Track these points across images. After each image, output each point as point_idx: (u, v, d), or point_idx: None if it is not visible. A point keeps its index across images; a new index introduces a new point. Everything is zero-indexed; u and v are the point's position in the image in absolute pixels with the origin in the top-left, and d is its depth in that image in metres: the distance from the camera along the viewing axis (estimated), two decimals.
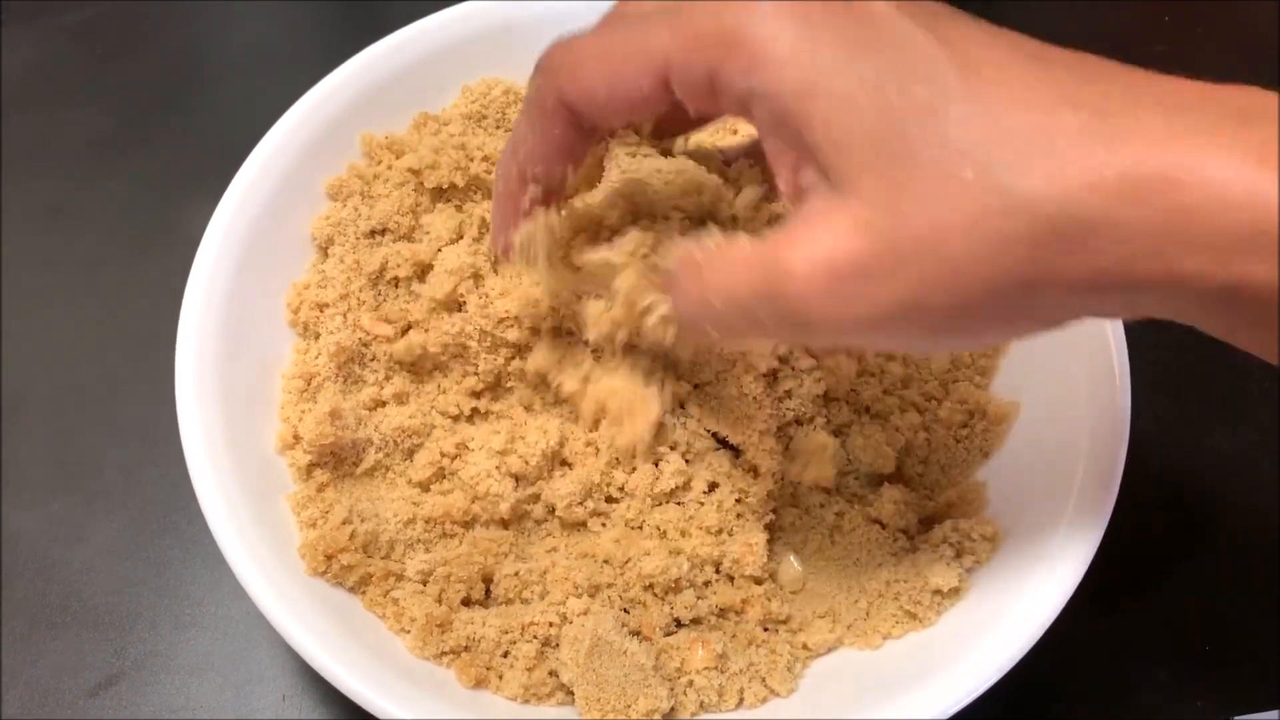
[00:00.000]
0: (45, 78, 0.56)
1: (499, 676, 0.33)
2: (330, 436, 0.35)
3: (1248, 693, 0.40)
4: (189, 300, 0.36)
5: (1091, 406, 0.34)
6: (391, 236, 0.39)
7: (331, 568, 0.33)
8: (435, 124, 0.42)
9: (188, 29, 0.58)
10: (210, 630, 0.41)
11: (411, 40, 0.42)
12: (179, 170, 0.52)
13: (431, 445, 0.37)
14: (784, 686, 0.33)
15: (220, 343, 0.35)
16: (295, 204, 0.39)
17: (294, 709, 0.39)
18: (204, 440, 0.33)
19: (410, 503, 0.36)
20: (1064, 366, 0.36)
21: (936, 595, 0.34)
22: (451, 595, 0.34)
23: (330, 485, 0.36)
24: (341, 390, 0.37)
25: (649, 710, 0.31)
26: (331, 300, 0.38)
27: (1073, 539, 0.32)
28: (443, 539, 0.35)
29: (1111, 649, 0.40)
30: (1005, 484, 0.37)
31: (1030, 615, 0.31)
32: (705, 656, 0.33)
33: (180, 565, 0.42)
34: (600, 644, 0.32)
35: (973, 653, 0.31)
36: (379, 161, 0.40)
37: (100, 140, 0.53)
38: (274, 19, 0.59)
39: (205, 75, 0.56)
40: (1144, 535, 0.41)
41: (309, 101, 0.40)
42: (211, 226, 0.37)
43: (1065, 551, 0.32)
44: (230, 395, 0.35)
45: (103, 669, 0.40)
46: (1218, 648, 0.41)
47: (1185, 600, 0.41)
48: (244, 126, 0.39)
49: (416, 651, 0.33)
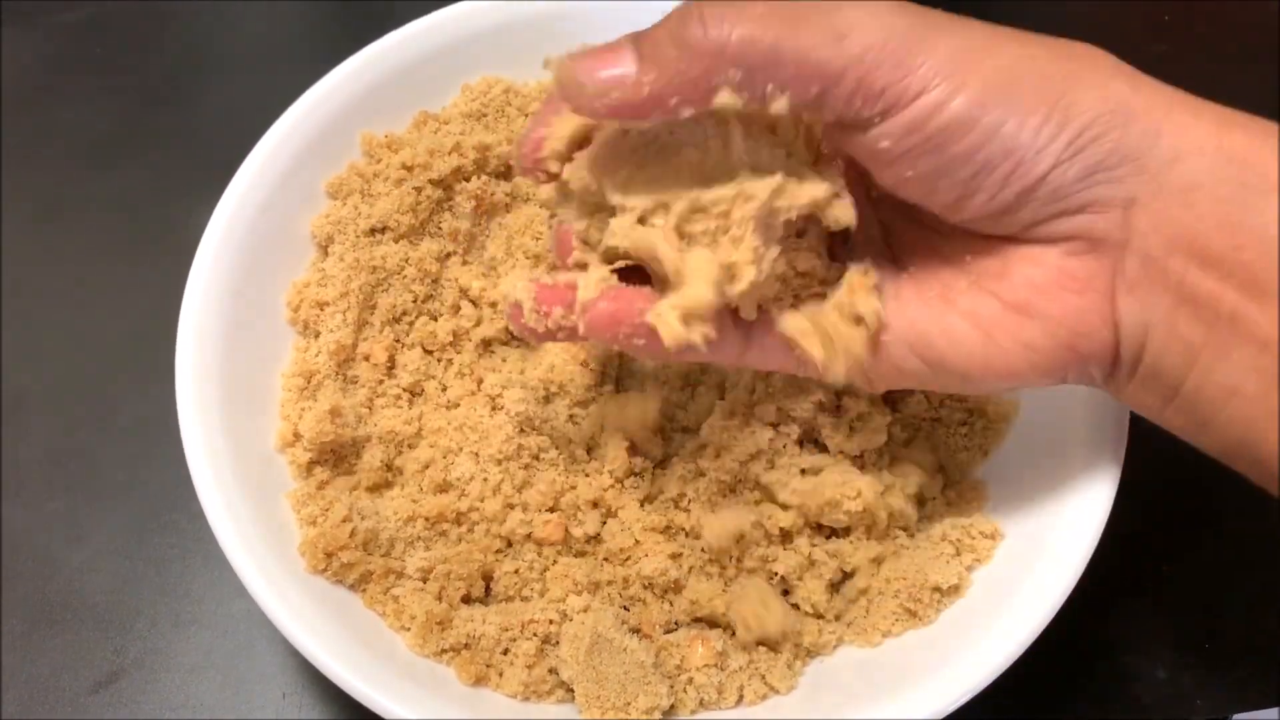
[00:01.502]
0: (45, 78, 0.56)
1: (499, 674, 0.33)
2: (330, 434, 0.35)
3: (1248, 692, 0.40)
4: (189, 299, 0.36)
5: (1091, 405, 0.34)
6: (391, 235, 0.39)
7: (331, 565, 0.33)
8: (435, 123, 0.42)
9: (188, 29, 0.58)
10: (210, 628, 0.41)
11: (411, 39, 0.42)
12: (179, 170, 0.52)
13: (430, 443, 0.37)
14: (784, 684, 0.33)
15: (220, 342, 0.35)
16: (295, 203, 0.39)
17: (294, 707, 0.39)
18: (204, 439, 0.33)
19: (410, 500, 0.36)
20: None
21: (936, 593, 0.34)
22: (451, 593, 0.34)
23: (330, 483, 0.36)
24: (341, 388, 0.37)
25: (649, 708, 0.31)
26: (331, 298, 0.38)
27: (1072, 537, 0.32)
28: (442, 537, 0.35)
29: (1111, 649, 0.40)
30: (1005, 483, 0.37)
31: (1030, 613, 0.31)
32: (705, 654, 0.33)
33: (180, 564, 0.42)
34: (600, 641, 0.32)
35: (972, 651, 0.31)
36: (379, 160, 0.40)
37: (100, 140, 0.53)
38: (274, 19, 0.59)
39: (205, 75, 0.56)
40: (1143, 534, 0.41)
41: (309, 100, 0.40)
42: (211, 225, 0.37)
43: (1065, 550, 0.32)
44: (230, 394, 0.35)
45: (103, 667, 0.40)
46: (1218, 647, 0.41)
47: (1185, 599, 0.41)
48: (244, 126, 0.39)
49: (416, 649, 0.33)
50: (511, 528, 0.35)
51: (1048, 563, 0.32)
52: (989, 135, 0.25)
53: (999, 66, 0.25)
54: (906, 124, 0.26)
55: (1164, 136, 0.25)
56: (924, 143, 0.26)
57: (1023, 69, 0.26)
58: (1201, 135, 0.25)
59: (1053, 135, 0.25)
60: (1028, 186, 0.26)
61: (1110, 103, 0.25)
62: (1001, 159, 0.26)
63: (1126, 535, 0.33)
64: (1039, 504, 0.34)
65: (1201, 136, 0.25)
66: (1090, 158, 0.26)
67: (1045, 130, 0.25)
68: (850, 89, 0.25)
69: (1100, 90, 0.26)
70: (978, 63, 0.25)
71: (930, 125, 0.25)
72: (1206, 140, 0.25)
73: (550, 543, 0.35)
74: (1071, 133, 0.25)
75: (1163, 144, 0.25)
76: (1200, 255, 0.26)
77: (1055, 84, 0.25)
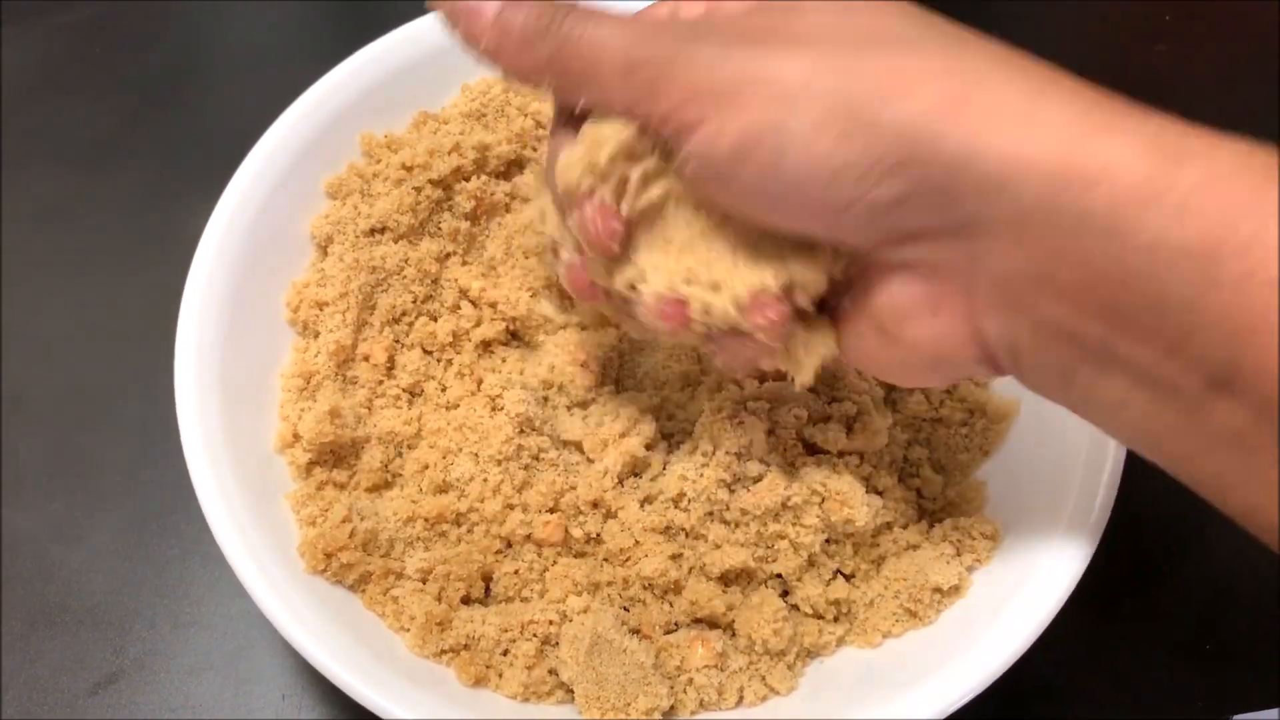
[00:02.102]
0: (45, 77, 0.56)
1: (499, 675, 0.33)
2: (330, 435, 0.35)
3: (1248, 693, 0.39)
4: (188, 299, 0.36)
5: None
6: (391, 235, 0.39)
7: (331, 566, 0.33)
8: (435, 123, 0.42)
9: (188, 29, 0.58)
10: (210, 629, 0.41)
11: (411, 39, 0.42)
12: (179, 170, 0.52)
13: (430, 444, 0.37)
14: (784, 685, 0.33)
15: (219, 342, 0.35)
16: (295, 203, 0.39)
17: (293, 708, 0.39)
18: (203, 439, 0.33)
19: (409, 501, 0.36)
20: None
21: (936, 593, 0.34)
22: (451, 593, 0.34)
23: (329, 484, 0.36)
24: (341, 389, 0.37)
25: (649, 708, 0.31)
26: (331, 299, 0.38)
27: (1072, 537, 0.32)
28: (442, 538, 0.35)
29: (1111, 649, 0.40)
30: (1005, 483, 0.37)
31: (1030, 614, 0.31)
32: (705, 655, 0.33)
33: (180, 565, 0.42)
34: (600, 642, 0.32)
35: (973, 651, 0.31)
36: (378, 160, 0.40)
37: (100, 139, 0.53)
38: (274, 19, 0.59)
39: (205, 75, 0.56)
40: (1144, 534, 0.41)
41: (308, 100, 0.40)
42: (211, 225, 0.37)
43: (1065, 550, 0.32)
44: (230, 394, 0.35)
45: (102, 668, 0.40)
46: (1218, 648, 0.41)
47: (1185, 600, 0.41)
48: (244, 126, 0.39)
49: (416, 650, 0.33)
50: (511, 528, 0.35)
51: (1048, 563, 0.32)
52: (773, 165, 0.24)
53: (787, 80, 0.23)
54: (696, 152, 0.25)
55: (984, 159, 0.22)
56: (716, 169, 0.25)
57: (819, 82, 0.23)
58: (1032, 151, 0.22)
59: (846, 160, 0.23)
60: (836, 211, 0.24)
61: (918, 121, 0.22)
62: (790, 189, 0.24)
63: (1127, 535, 0.33)
64: (1039, 504, 0.34)
65: (1032, 152, 0.22)
66: (898, 187, 0.23)
67: (839, 153, 0.23)
68: (646, 121, 0.26)
69: (907, 103, 0.23)
70: (763, 81, 0.24)
71: (715, 153, 0.25)
72: (1038, 157, 0.22)
73: (550, 543, 0.35)
74: (871, 158, 0.23)
75: (983, 167, 0.22)
76: (1052, 287, 0.23)
77: (853, 97, 0.23)
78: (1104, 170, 0.21)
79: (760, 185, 0.25)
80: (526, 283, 0.39)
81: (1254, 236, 0.20)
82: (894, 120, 0.23)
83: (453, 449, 0.36)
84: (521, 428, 0.36)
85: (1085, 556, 0.32)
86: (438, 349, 0.39)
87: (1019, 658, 0.30)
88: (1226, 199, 0.21)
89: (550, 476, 0.36)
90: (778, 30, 0.25)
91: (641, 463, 0.36)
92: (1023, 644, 0.31)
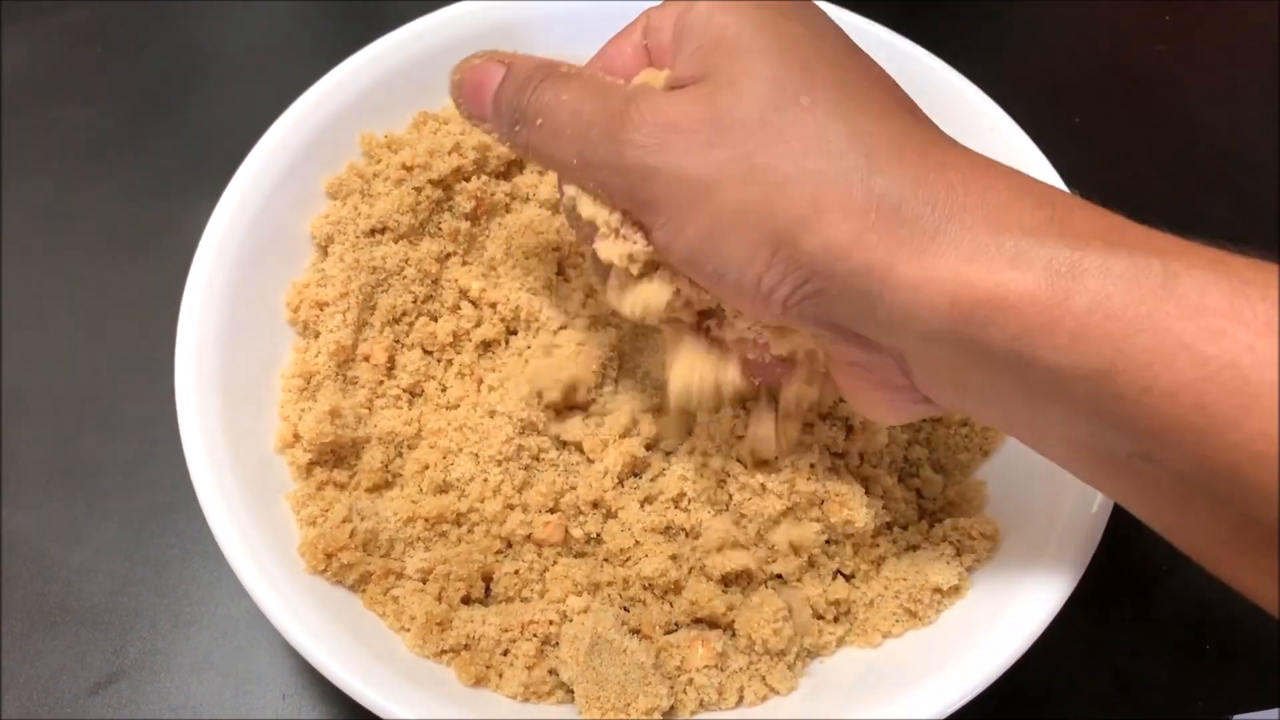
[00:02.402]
0: (45, 78, 0.56)
1: (499, 675, 0.33)
2: (330, 435, 0.35)
3: (1248, 693, 0.40)
4: (188, 300, 0.36)
5: None
6: (391, 235, 0.39)
7: (331, 566, 0.33)
8: (435, 123, 0.42)
9: (187, 29, 0.58)
10: (210, 629, 0.41)
11: (411, 39, 0.42)
12: (179, 170, 0.52)
13: (430, 444, 0.37)
14: (784, 685, 0.33)
15: (220, 342, 0.35)
16: (295, 203, 0.39)
17: (293, 708, 0.39)
18: (204, 439, 0.33)
19: (410, 501, 0.36)
20: None
21: (936, 594, 0.34)
22: (451, 593, 0.34)
23: (330, 484, 0.36)
24: (341, 389, 0.37)
25: (649, 708, 0.31)
26: (331, 299, 0.38)
27: (1072, 538, 0.32)
28: (442, 538, 0.35)
29: (1111, 649, 0.40)
30: (1005, 483, 0.37)
31: (1030, 614, 0.31)
32: (705, 655, 0.33)
33: (180, 564, 0.42)
34: (600, 642, 0.32)
35: (973, 651, 0.31)
36: (378, 160, 0.40)
37: (99, 140, 0.53)
38: (274, 19, 0.59)
39: (205, 75, 0.56)
40: (1144, 534, 0.41)
41: (308, 100, 0.40)
42: (211, 226, 0.37)
43: (1065, 550, 0.32)
44: (230, 394, 0.35)
45: (102, 668, 0.40)
46: (1218, 648, 0.41)
47: (1185, 600, 0.41)
48: (244, 126, 0.39)
49: (416, 650, 0.33)
50: (511, 528, 0.35)
51: (1048, 563, 0.32)
52: (718, 276, 0.26)
53: (724, 206, 0.25)
54: (658, 247, 0.28)
55: (894, 290, 0.24)
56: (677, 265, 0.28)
57: (751, 209, 0.25)
58: (932, 295, 0.24)
59: (776, 281, 0.26)
60: (776, 314, 0.27)
61: (825, 258, 0.25)
62: (736, 296, 0.27)
63: (1127, 535, 0.33)
64: (1039, 503, 0.34)
65: (933, 296, 0.24)
66: (818, 308, 0.26)
67: (768, 278, 0.26)
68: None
69: (819, 238, 0.24)
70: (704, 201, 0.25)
71: (670, 256, 0.27)
72: (938, 301, 0.24)
73: (550, 543, 0.35)
74: (794, 281, 0.26)
75: (893, 298, 0.24)
76: (970, 392, 0.26)
77: (779, 225, 0.25)
78: (1001, 303, 0.23)
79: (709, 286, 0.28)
80: (526, 283, 0.39)
81: (1152, 350, 0.22)
82: (811, 252, 0.25)
83: (453, 449, 0.36)
84: (522, 428, 0.36)
85: (1085, 556, 0.32)
86: (438, 349, 0.39)
87: (1019, 658, 0.30)
88: (1118, 321, 0.22)
89: (550, 477, 0.36)
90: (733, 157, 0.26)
91: (641, 463, 0.36)
92: (1022, 644, 0.31)
